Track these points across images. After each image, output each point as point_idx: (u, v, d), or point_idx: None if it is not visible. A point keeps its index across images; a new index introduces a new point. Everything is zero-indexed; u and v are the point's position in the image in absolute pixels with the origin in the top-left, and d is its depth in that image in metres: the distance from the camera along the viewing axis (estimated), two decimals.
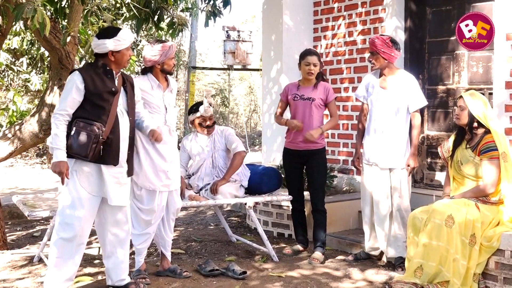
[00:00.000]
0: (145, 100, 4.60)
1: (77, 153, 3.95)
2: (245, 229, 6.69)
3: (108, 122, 4.02)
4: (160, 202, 4.66)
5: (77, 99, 3.98)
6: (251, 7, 36.29)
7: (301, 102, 5.38)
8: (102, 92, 4.02)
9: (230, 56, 14.06)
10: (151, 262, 5.23)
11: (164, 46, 4.64)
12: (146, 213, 4.63)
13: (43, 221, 6.98)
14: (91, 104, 4.00)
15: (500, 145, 4.49)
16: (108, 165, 4.06)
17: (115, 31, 4.10)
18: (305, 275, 4.91)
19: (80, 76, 3.99)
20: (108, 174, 4.07)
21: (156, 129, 4.42)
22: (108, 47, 4.05)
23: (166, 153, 4.66)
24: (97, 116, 4.00)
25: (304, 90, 5.43)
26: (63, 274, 4.06)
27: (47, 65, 9.86)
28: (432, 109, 6.35)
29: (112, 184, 4.09)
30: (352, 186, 6.90)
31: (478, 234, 4.39)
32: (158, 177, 4.62)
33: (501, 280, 4.33)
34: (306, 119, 5.37)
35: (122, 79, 4.21)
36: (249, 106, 21.60)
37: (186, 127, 16.54)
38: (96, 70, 4.08)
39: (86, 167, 4.03)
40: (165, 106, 4.68)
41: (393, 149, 5.07)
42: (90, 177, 4.05)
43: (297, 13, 7.43)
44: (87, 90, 3.98)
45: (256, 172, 5.82)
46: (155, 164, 4.61)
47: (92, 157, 3.97)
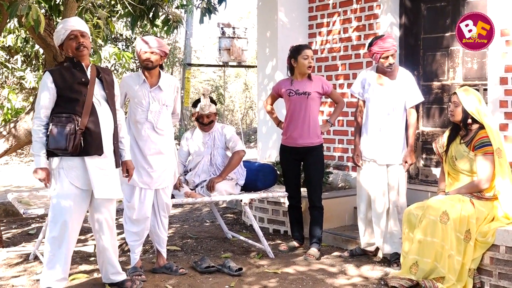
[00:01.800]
0: (130, 96, 4.66)
1: (57, 148, 3.93)
2: (241, 226, 6.69)
3: (84, 113, 3.99)
4: (143, 199, 4.63)
5: (50, 98, 3.99)
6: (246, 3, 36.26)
7: (296, 97, 5.36)
8: (72, 84, 4.01)
9: (225, 53, 14.06)
10: (147, 259, 5.23)
11: (137, 42, 4.70)
12: (129, 209, 4.66)
13: (38, 219, 6.97)
14: (64, 98, 4.00)
15: (494, 141, 4.49)
16: (92, 155, 4.04)
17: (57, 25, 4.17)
18: (300, 272, 4.92)
19: (48, 75, 4.01)
20: (93, 166, 4.04)
21: (130, 163, 4.39)
22: (57, 43, 4.13)
23: (147, 150, 4.63)
24: (71, 108, 3.98)
25: (298, 85, 5.39)
26: (57, 272, 4.05)
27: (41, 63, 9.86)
28: (427, 105, 6.36)
29: (98, 176, 4.05)
30: (347, 183, 6.91)
31: (473, 230, 4.40)
32: (137, 172, 4.60)
33: (496, 275, 4.34)
34: (302, 113, 5.35)
35: (96, 70, 4.18)
36: (244, 103, 21.60)
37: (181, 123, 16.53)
38: (65, 65, 4.10)
39: (71, 161, 4.01)
40: (148, 102, 4.65)
41: (391, 146, 5.08)
42: (77, 171, 4.02)
43: (292, 9, 7.43)
44: (58, 87, 3.98)
45: (252, 169, 5.83)
46: (136, 159, 4.60)
47: (73, 149, 3.93)
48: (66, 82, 4.00)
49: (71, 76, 4.03)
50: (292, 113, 5.40)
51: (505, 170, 4.47)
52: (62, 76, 4.01)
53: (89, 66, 4.14)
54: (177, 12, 6.00)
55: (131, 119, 4.67)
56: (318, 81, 5.42)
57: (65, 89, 3.99)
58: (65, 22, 4.11)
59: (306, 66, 5.32)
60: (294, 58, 5.36)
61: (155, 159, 4.66)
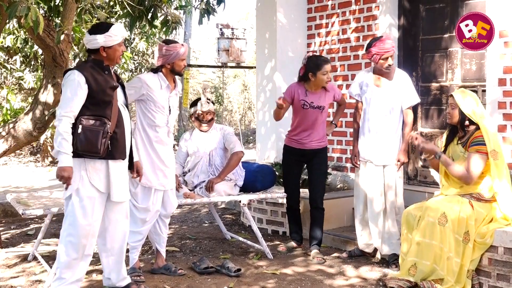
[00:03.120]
0: (152, 98, 4.59)
1: (87, 151, 3.89)
2: (240, 227, 6.69)
3: (112, 117, 3.99)
4: (155, 201, 4.66)
5: (82, 99, 3.92)
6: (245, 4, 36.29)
7: (311, 110, 5.30)
8: (105, 87, 3.98)
9: (224, 53, 14.04)
10: (146, 260, 5.24)
11: (172, 47, 4.62)
12: (141, 212, 4.64)
13: (37, 220, 6.97)
14: (95, 101, 3.94)
15: (489, 142, 4.48)
16: (116, 160, 4.04)
17: (107, 26, 4.06)
18: (299, 272, 4.93)
19: (81, 75, 3.92)
20: (115, 170, 4.04)
21: (139, 164, 4.40)
22: (100, 43, 4.01)
23: (164, 154, 4.67)
24: (102, 112, 3.95)
25: (313, 97, 5.31)
26: (74, 275, 4.02)
27: (40, 63, 9.85)
28: (425, 106, 6.37)
29: (118, 180, 4.06)
30: (346, 184, 6.92)
31: (472, 231, 4.40)
32: (155, 174, 4.63)
33: (494, 276, 4.35)
34: (314, 124, 5.35)
35: (115, 75, 4.19)
36: (243, 104, 21.60)
37: (180, 125, 16.54)
38: (93, 67, 4.03)
39: (96, 164, 3.98)
40: (169, 107, 4.67)
41: (387, 146, 5.09)
42: (100, 174, 4.00)
43: (291, 10, 7.43)
44: (91, 88, 3.93)
45: (251, 170, 5.84)
46: (153, 162, 4.62)
47: (103, 153, 3.92)
48: (100, 85, 3.96)
49: (103, 80, 4.00)
50: (303, 121, 5.37)
51: (503, 171, 4.47)
52: (94, 78, 3.96)
53: (112, 70, 4.15)
54: (176, 13, 6.00)
55: (146, 122, 4.63)
56: (332, 91, 5.40)
57: (98, 92, 3.95)
58: (120, 28, 4.07)
59: (325, 81, 5.26)
60: (313, 72, 5.23)
61: (170, 160, 4.73)
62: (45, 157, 12.31)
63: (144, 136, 4.62)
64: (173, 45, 4.63)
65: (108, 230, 4.18)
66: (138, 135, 4.60)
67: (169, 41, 4.70)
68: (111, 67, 4.13)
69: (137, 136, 4.59)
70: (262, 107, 7.56)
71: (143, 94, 4.58)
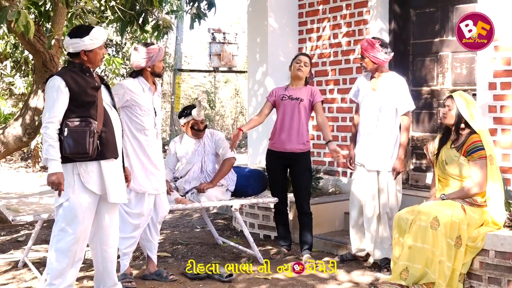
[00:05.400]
0: (137, 103, 4.58)
1: (76, 153, 3.85)
2: (232, 232, 6.68)
3: (98, 116, 3.96)
4: (148, 205, 4.64)
5: (64, 103, 3.90)
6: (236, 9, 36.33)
7: (289, 101, 5.38)
8: (86, 88, 3.95)
9: (216, 58, 14.06)
10: (137, 265, 5.22)
11: (152, 49, 4.62)
12: (134, 217, 4.61)
13: (28, 226, 6.93)
14: (78, 102, 3.92)
15: (487, 147, 4.51)
16: (108, 159, 4.01)
17: (87, 29, 4.02)
18: (291, 277, 4.92)
19: (61, 79, 3.90)
20: (108, 169, 4.00)
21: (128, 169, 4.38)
22: (81, 46, 3.99)
23: (155, 157, 4.66)
24: (87, 112, 3.92)
25: (292, 91, 5.44)
26: (64, 281, 3.98)
27: (31, 68, 9.81)
28: (417, 110, 6.37)
29: (112, 180, 4.02)
30: (338, 188, 6.92)
31: (464, 236, 4.40)
32: (148, 179, 4.62)
33: (485, 279, 4.36)
34: (294, 118, 5.37)
35: (98, 76, 4.17)
36: (235, 108, 21.60)
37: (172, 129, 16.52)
38: (73, 70, 4.01)
39: (87, 166, 3.95)
40: (154, 109, 4.67)
41: (380, 151, 5.08)
42: (94, 175, 3.96)
43: (282, 15, 7.44)
44: (72, 91, 3.91)
45: (242, 175, 5.83)
46: (145, 167, 4.60)
47: (93, 153, 3.89)
48: (81, 87, 3.93)
49: (83, 81, 3.97)
50: (283, 117, 5.41)
51: (495, 176, 4.49)
52: (75, 80, 3.94)
53: (94, 72, 4.12)
54: (167, 17, 5.99)
55: (134, 127, 4.61)
56: (311, 89, 5.46)
57: (80, 93, 3.92)
58: (100, 31, 4.05)
59: (296, 68, 5.40)
60: (291, 64, 5.50)
61: (161, 163, 4.72)
62: (36, 162, 12.26)
63: (134, 141, 4.60)
64: (153, 47, 4.64)
65: (99, 236, 4.15)
66: (127, 141, 4.57)
67: (147, 44, 4.70)
68: (93, 70, 4.10)
69: (126, 142, 4.56)
70: (254, 112, 7.55)
71: (127, 100, 4.57)
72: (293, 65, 5.47)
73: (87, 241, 4.08)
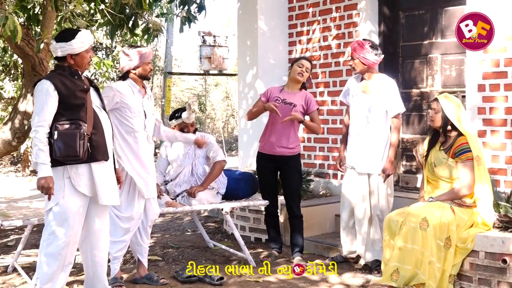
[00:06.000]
0: (126, 105, 4.57)
1: (67, 156, 3.84)
2: (223, 235, 6.67)
3: (88, 119, 3.95)
4: (139, 209, 4.63)
5: (53, 106, 3.89)
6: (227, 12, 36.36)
7: (282, 105, 5.36)
8: (74, 91, 3.93)
9: (206, 61, 14.03)
10: (127, 269, 5.20)
11: (138, 51, 4.62)
12: (124, 221, 4.60)
13: (17, 230, 6.88)
14: (67, 105, 3.91)
15: (474, 148, 4.54)
16: (99, 161, 3.99)
17: (73, 33, 4.01)
18: (282, 280, 4.92)
19: (49, 83, 3.89)
20: (99, 172, 3.98)
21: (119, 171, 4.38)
22: (67, 50, 3.97)
23: (145, 160, 4.64)
24: (76, 115, 3.91)
25: (287, 95, 5.41)
26: (54, 286, 3.95)
27: (20, 72, 9.77)
28: (406, 112, 6.39)
29: (103, 183, 4.00)
30: (328, 190, 6.93)
31: (453, 237, 4.42)
32: (144, 183, 4.61)
33: (476, 280, 4.38)
34: (285, 124, 5.35)
35: (87, 79, 4.15)
36: (226, 111, 21.59)
37: None
38: (62, 74, 3.99)
39: (79, 168, 3.93)
40: (144, 111, 4.66)
41: (370, 154, 5.08)
42: (84, 178, 3.94)
43: (272, 18, 7.45)
44: (61, 94, 3.89)
45: (233, 177, 5.83)
46: (137, 171, 4.59)
47: (83, 156, 3.87)
48: (70, 90, 3.92)
49: (72, 84, 3.95)
50: (274, 120, 5.40)
51: (483, 177, 4.51)
52: (63, 84, 3.92)
53: (82, 75, 4.11)
54: (157, 21, 5.99)
55: (124, 129, 4.61)
56: (306, 96, 5.43)
57: (69, 96, 3.91)
58: (86, 35, 4.03)
59: (297, 71, 5.36)
60: (292, 64, 5.46)
61: (151, 168, 4.70)
62: (26, 166, 12.20)
63: (124, 144, 4.59)
64: (138, 49, 4.64)
65: (90, 240, 4.13)
66: (117, 144, 4.56)
67: (132, 46, 4.70)
68: (81, 73, 4.08)
69: (116, 145, 4.55)
70: (244, 115, 7.55)
71: (117, 102, 4.56)
72: (294, 67, 5.42)
73: (77, 245, 4.06)
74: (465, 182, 4.51)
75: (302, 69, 5.37)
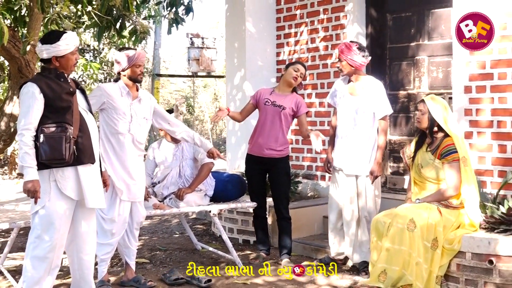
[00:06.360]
0: (112, 106, 4.57)
1: (53, 159, 3.82)
2: (211, 237, 6.66)
3: (74, 121, 3.93)
4: (122, 212, 4.60)
5: (39, 109, 3.86)
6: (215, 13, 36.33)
7: (271, 107, 5.36)
8: (60, 93, 3.91)
9: (195, 63, 14.01)
10: (115, 272, 5.18)
11: (125, 54, 4.62)
12: (107, 223, 4.59)
13: (3, 233, 6.84)
14: (53, 108, 3.88)
15: (460, 149, 4.56)
16: (85, 164, 3.97)
17: (58, 35, 3.98)
18: (270, 282, 4.91)
19: (35, 85, 3.87)
20: (85, 175, 3.96)
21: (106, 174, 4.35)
22: (52, 52, 3.94)
23: (128, 163, 4.62)
24: (62, 118, 3.89)
25: (276, 97, 5.41)
26: None
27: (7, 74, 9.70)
28: (394, 114, 6.40)
29: (90, 186, 3.98)
30: (316, 192, 6.94)
31: (440, 238, 4.44)
32: (126, 185, 4.59)
33: (462, 281, 4.40)
34: (274, 125, 5.37)
35: (73, 81, 4.13)
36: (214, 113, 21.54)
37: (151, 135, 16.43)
38: (48, 76, 3.97)
39: (65, 172, 3.91)
40: (131, 114, 4.64)
41: (358, 155, 5.09)
42: (71, 181, 3.92)
43: (260, 20, 7.45)
44: (46, 97, 3.87)
45: (221, 179, 5.82)
46: (117, 172, 4.57)
47: (69, 159, 3.85)
48: (55, 92, 3.89)
49: (58, 86, 3.92)
50: (264, 122, 5.41)
51: (470, 177, 4.54)
52: (49, 86, 3.89)
53: (68, 77, 4.08)
54: (144, 22, 5.98)
55: (109, 130, 4.61)
56: (296, 100, 5.43)
57: (54, 99, 3.88)
58: (71, 37, 4.00)
59: (293, 75, 5.37)
60: (286, 67, 5.47)
61: (136, 171, 4.66)
62: (12, 169, 12.12)
63: (108, 145, 4.59)
64: (125, 52, 4.65)
65: (76, 243, 4.11)
66: (101, 145, 4.55)
67: (123, 49, 4.70)
68: (67, 75, 4.06)
69: (101, 146, 4.53)
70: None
71: (104, 103, 4.57)
72: (289, 70, 5.42)
73: (63, 248, 4.04)
74: (452, 183, 4.54)
75: (297, 73, 5.38)
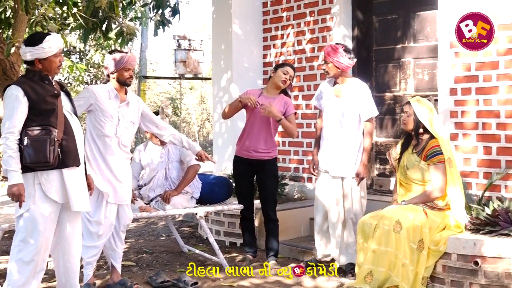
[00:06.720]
0: (99, 108, 4.55)
1: (37, 162, 3.78)
2: (197, 239, 6.65)
3: (58, 124, 3.90)
4: (108, 215, 4.58)
5: (23, 112, 3.83)
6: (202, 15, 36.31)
7: (260, 110, 5.37)
8: (45, 96, 3.88)
9: (181, 65, 13.98)
10: (101, 275, 5.15)
11: (113, 57, 4.61)
12: (93, 225, 4.56)
13: None
14: (37, 111, 3.85)
15: (446, 151, 4.59)
16: (70, 167, 3.94)
17: (41, 37, 3.94)
18: (256, 284, 4.91)
19: (19, 88, 3.84)
20: (70, 178, 3.93)
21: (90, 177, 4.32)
22: (35, 54, 3.90)
23: (114, 166, 4.60)
24: (46, 120, 3.86)
25: (265, 99, 5.40)
26: None
27: None
28: (380, 116, 6.43)
29: (75, 189, 3.95)
30: (303, 194, 6.94)
31: (426, 239, 4.46)
32: (113, 188, 4.57)
33: (448, 283, 4.42)
34: (262, 127, 5.37)
35: (58, 84, 4.10)
36: (201, 115, 21.53)
37: (137, 137, 16.38)
38: (32, 79, 3.94)
39: (50, 175, 3.88)
40: (118, 117, 4.62)
41: (343, 157, 5.10)
42: (55, 184, 3.89)
43: (246, 22, 7.45)
44: (30, 100, 3.84)
45: (207, 182, 5.80)
46: (104, 175, 4.55)
47: (54, 162, 3.82)
48: (39, 95, 3.86)
49: (42, 89, 3.89)
50: (252, 124, 5.41)
51: (455, 179, 4.56)
52: (33, 89, 3.86)
53: (53, 79, 4.05)
54: (130, 24, 5.95)
55: (95, 132, 4.59)
56: (285, 101, 5.44)
57: (39, 102, 3.85)
58: (55, 39, 3.96)
59: (282, 78, 5.37)
60: (275, 69, 5.46)
61: (122, 174, 4.64)
62: None
63: (94, 147, 4.57)
64: (115, 55, 4.63)
65: (61, 246, 4.08)
66: (87, 147, 4.53)
67: (113, 51, 4.68)
68: (51, 77, 4.03)
69: (87, 148, 4.51)
70: (219, 119, 7.53)
71: (91, 104, 4.55)
72: (278, 73, 5.41)
73: (49, 251, 4.00)
74: (437, 185, 4.56)
75: (286, 76, 5.38)
